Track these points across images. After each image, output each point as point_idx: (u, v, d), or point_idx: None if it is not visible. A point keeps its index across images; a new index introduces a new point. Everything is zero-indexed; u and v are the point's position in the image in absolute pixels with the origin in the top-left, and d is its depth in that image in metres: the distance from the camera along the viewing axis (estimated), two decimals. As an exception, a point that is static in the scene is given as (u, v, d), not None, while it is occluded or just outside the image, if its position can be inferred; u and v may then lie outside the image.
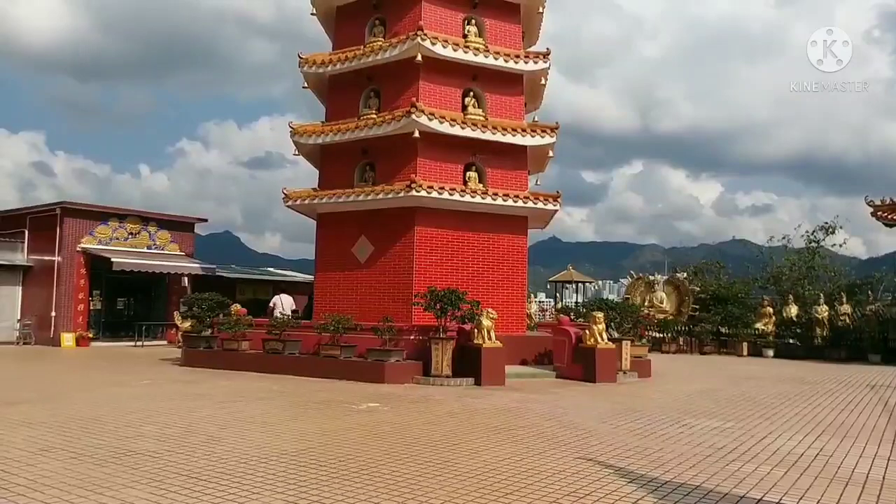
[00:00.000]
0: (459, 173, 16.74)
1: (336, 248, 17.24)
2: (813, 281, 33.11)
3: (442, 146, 16.43)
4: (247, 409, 9.78)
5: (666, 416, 9.73)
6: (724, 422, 9.37)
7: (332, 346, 14.01)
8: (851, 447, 7.78)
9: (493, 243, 16.99)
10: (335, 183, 17.30)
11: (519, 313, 17.27)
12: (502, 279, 17.04)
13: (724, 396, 12.32)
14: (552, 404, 10.82)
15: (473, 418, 9.26)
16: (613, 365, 14.50)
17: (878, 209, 25.32)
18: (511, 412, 9.93)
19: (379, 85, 17.25)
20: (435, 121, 15.79)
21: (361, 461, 6.52)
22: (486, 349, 13.13)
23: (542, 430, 8.44)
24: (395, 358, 13.36)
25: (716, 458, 7.04)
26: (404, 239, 16.23)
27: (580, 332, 14.88)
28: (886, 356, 23.70)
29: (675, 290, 31.46)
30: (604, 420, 9.34)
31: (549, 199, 17.03)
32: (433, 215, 16.26)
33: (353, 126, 16.78)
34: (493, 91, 17.27)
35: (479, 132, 16.34)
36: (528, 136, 16.90)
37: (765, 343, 26.28)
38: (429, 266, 16.14)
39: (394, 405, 10.38)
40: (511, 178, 17.27)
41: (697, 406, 10.97)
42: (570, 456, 6.96)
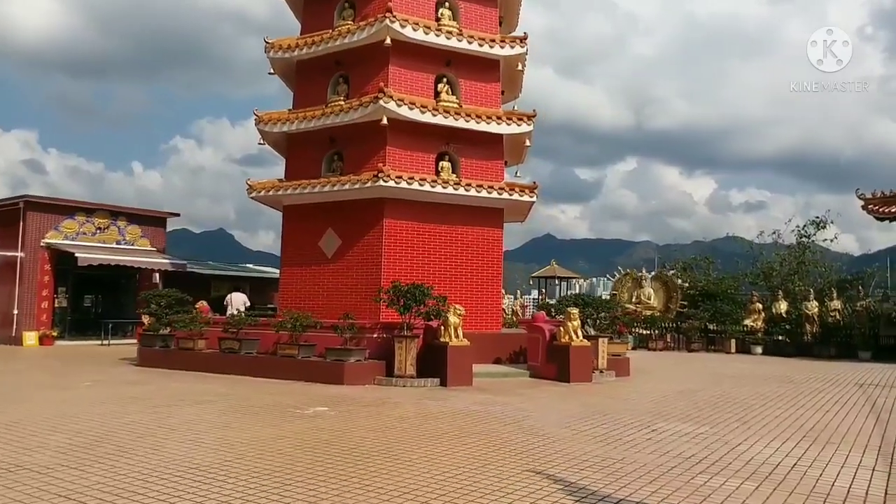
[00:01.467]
0: (432, 163, 15.98)
1: (302, 242, 16.46)
2: (803, 277, 32.46)
3: (413, 134, 15.66)
4: (180, 414, 9.01)
5: (636, 420, 9.01)
6: (698, 426, 8.64)
7: (289, 346, 13.24)
8: (833, 455, 7.07)
9: (467, 236, 16.26)
10: (302, 173, 16.51)
11: (494, 309, 16.54)
12: (476, 274, 16.30)
13: (703, 397, 11.61)
14: (517, 407, 10.08)
15: (425, 424, 8.51)
16: (589, 364, 13.78)
17: (868, 202, 24.69)
18: (469, 416, 9.18)
19: (348, 70, 16.46)
20: (405, 107, 15.01)
21: (280, 476, 5.77)
22: (452, 347, 12.38)
23: (497, 437, 7.70)
24: (355, 358, 12.59)
25: (681, 469, 6.31)
26: (373, 232, 15.46)
27: (555, 329, 14.15)
28: (877, 353, 23.09)
29: (663, 286, 30.82)
30: (568, 424, 8.61)
31: (526, 190, 16.28)
32: (403, 207, 15.50)
33: (319, 113, 15.99)
34: (467, 77, 16.50)
35: (453, 120, 15.57)
36: (504, 125, 16.15)
37: (753, 340, 25.64)
38: (398, 260, 15.38)
39: (344, 409, 9.62)
40: (486, 169, 16.51)
41: (672, 408, 10.25)
42: (518, 468, 6.22)
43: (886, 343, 23.81)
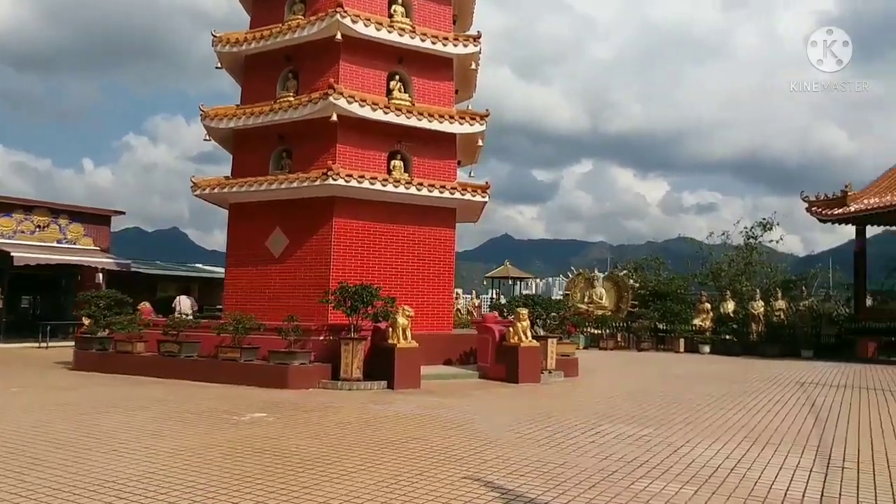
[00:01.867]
0: (383, 161, 15.72)
1: (248, 241, 16.01)
2: (750, 277, 33.23)
3: (364, 132, 15.37)
4: (108, 421, 8.58)
5: (581, 422, 8.94)
6: (642, 428, 8.61)
7: (231, 349, 12.83)
8: (773, 456, 7.09)
9: (419, 236, 16.05)
10: (249, 171, 16.05)
11: (445, 310, 16.37)
12: (428, 274, 16.11)
13: (650, 398, 11.64)
14: (463, 409, 9.93)
15: (366, 430, 8.28)
16: (537, 364, 13.72)
17: (813, 204, 25.37)
18: (413, 421, 8.98)
19: (297, 66, 16.08)
20: (355, 104, 14.72)
21: (203, 489, 5.48)
22: (400, 349, 12.17)
23: (438, 443, 7.52)
24: (299, 361, 12.26)
25: (622, 473, 6.22)
26: (322, 231, 15.12)
27: (504, 329, 14.06)
28: (818, 351, 23.71)
29: (615, 286, 31.15)
30: (512, 427, 8.49)
31: (478, 190, 16.15)
32: (353, 206, 15.20)
33: (267, 109, 15.57)
34: (420, 75, 16.28)
35: (405, 118, 15.33)
36: (457, 124, 15.98)
37: (701, 339, 26.06)
38: (348, 260, 15.08)
39: (283, 415, 9.32)
40: (439, 168, 16.32)
41: (618, 409, 10.23)
42: (456, 475, 6.05)
43: (827, 342, 24.49)
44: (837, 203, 24.64)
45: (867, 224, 25.15)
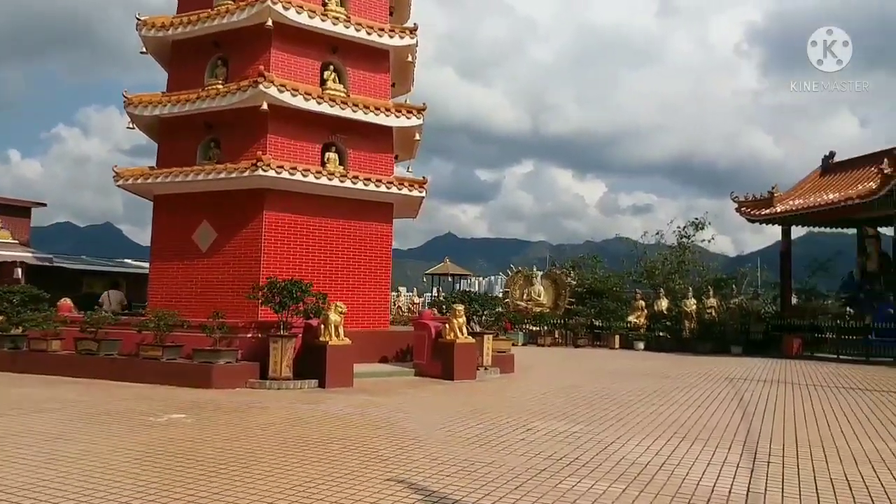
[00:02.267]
0: (317, 154, 15.26)
1: (175, 235, 15.31)
2: (683, 275, 34.06)
3: (297, 123, 14.89)
4: (9, 425, 7.93)
5: (512, 419, 8.79)
6: (573, 424, 8.53)
7: (153, 347, 12.18)
8: (701, 452, 7.08)
9: (355, 231, 15.67)
10: (175, 161, 15.31)
11: (381, 307, 16.05)
12: (364, 270, 15.75)
13: (583, 394, 11.63)
14: (394, 408, 9.65)
15: (291, 430, 7.91)
16: (473, 361, 13.57)
17: (742, 205, 26.18)
18: (341, 420, 8.65)
19: (227, 53, 15.45)
20: (287, 93, 14.22)
21: (103, 497, 5.03)
22: (332, 347, 11.78)
23: (365, 443, 7.22)
24: (225, 359, 11.73)
25: (550, 472, 6.07)
26: (251, 225, 14.57)
27: (440, 326, 13.85)
28: (747, 348, 24.44)
29: (553, 283, 31.40)
30: (443, 426, 8.26)
31: (415, 185, 15.89)
32: (285, 199, 14.71)
33: (194, 97, 14.89)
34: (355, 66, 15.89)
35: (339, 109, 14.92)
36: (393, 117, 15.66)
37: (636, 336, 26.54)
38: (279, 255, 14.59)
39: (204, 416, 8.84)
40: (375, 162, 15.98)
41: (550, 406, 10.14)
42: (380, 477, 5.77)
43: (755, 338, 25.28)
44: (765, 204, 25.50)
45: (792, 224, 26.08)
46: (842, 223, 26.48)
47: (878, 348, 20.96)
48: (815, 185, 25.66)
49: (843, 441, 7.86)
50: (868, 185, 22.37)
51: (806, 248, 40.59)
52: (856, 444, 7.68)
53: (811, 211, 23.75)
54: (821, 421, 9.25)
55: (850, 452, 7.25)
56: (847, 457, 7.02)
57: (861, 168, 24.54)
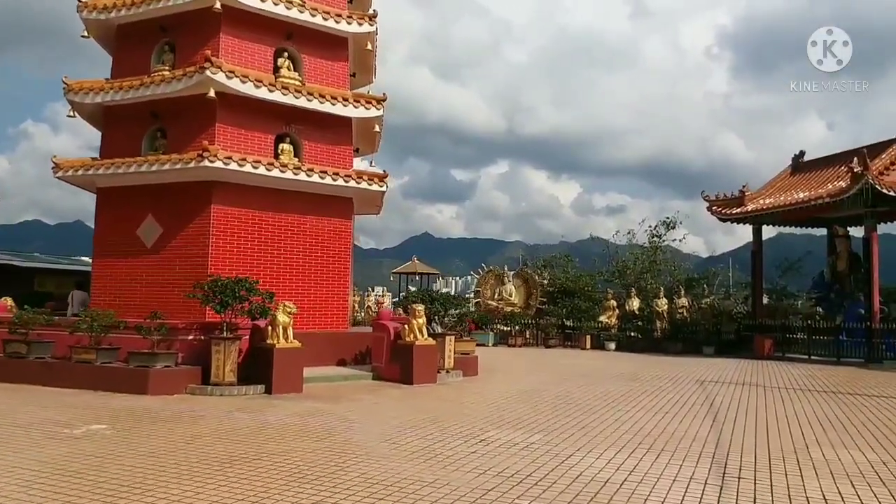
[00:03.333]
0: (270, 145, 14.46)
1: (118, 231, 14.39)
2: (655, 275, 33.73)
3: (248, 112, 14.07)
4: None
5: (467, 428, 8.11)
6: (532, 434, 7.88)
7: (86, 349, 11.29)
8: (667, 466, 6.47)
9: (312, 227, 14.89)
10: (120, 151, 14.39)
11: (340, 307, 15.26)
12: (322, 268, 14.97)
13: (546, 398, 10.99)
14: (342, 417, 8.92)
15: (218, 444, 7.14)
16: (434, 364, 12.89)
17: (713, 204, 25.80)
18: (279, 431, 7.90)
19: (174, 37, 14.57)
20: (236, 80, 13.40)
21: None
22: (279, 350, 11.01)
23: (299, 458, 6.49)
24: (163, 363, 10.88)
25: (498, 492, 5.40)
26: (198, 220, 13.72)
27: (400, 327, 13.14)
28: (719, 348, 24.09)
29: (524, 283, 30.87)
30: (390, 437, 7.55)
31: (375, 178, 15.14)
32: (235, 192, 13.88)
33: (138, 83, 14.01)
34: (311, 53, 15.10)
35: (293, 97, 14.12)
36: (351, 107, 14.90)
37: (607, 336, 26.07)
38: (228, 252, 13.75)
39: (127, 427, 8.03)
40: (333, 154, 15.22)
41: (511, 412, 9.48)
42: (306, 499, 5.05)
43: (727, 338, 24.95)
44: (736, 203, 25.15)
45: (763, 224, 25.79)
46: (812, 223, 26.26)
47: (849, 348, 20.69)
48: (786, 185, 25.38)
49: (817, 451, 7.31)
50: (838, 185, 22.10)
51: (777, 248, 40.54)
52: (831, 454, 7.13)
53: (781, 210, 23.42)
54: (794, 428, 8.72)
55: (826, 464, 6.69)
56: (823, 470, 6.46)
57: (831, 167, 24.30)
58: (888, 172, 21.37)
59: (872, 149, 22.24)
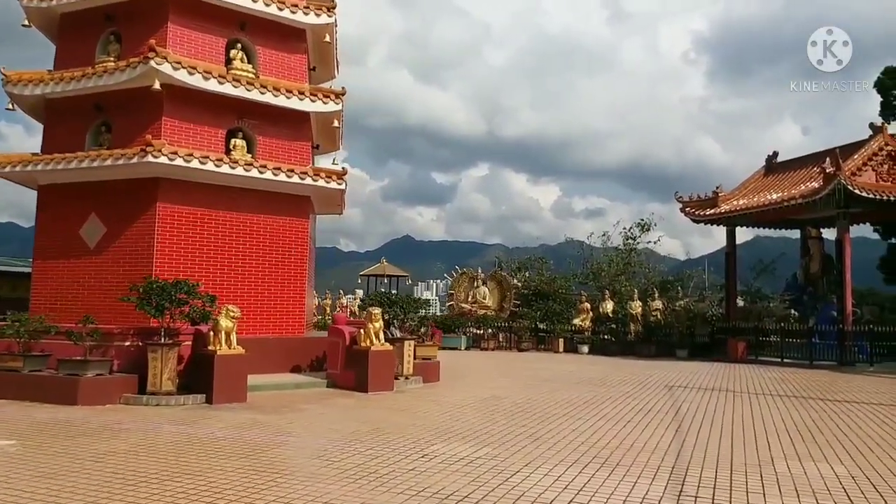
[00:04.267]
0: (222, 140, 13.77)
1: (60, 230, 13.60)
2: (630, 277, 33.40)
3: (198, 105, 13.38)
4: None
5: (413, 441, 7.52)
6: (480, 447, 7.30)
7: (12, 357, 10.52)
8: (620, 484, 5.93)
9: (267, 227, 14.21)
10: (62, 146, 13.59)
11: (296, 310, 14.57)
12: (277, 270, 14.29)
13: (505, 406, 10.44)
14: (279, 430, 8.29)
15: (131, 462, 6.47)
16: (390, 370, 12.27)
17: (686, 205, 25.51)
18: (206, 447, 7.25)
19: (120, 27, 13.83)
20: (183, 71, 12.69)
21: None
22: (221, 357, 10.32)
23: (214, 479, 5.85)
24: (95, 371, 10.14)
25: (426, 520, 4.82)
26: (143, 218, 13.00)
27: (356, 332, 12.52)
28: (693, 351, 23.77)
29: (498, 285, 30.39)
30: (326, 452, 6.94)
31: (333, 176, 14.49)
32: (183, 190, 13.18)
33: (80, 74, 13.24)
34: (267, 45, 14.45)
35: (244, 90, 13.44)
36: (308, 100, 14.24)
37: (580, 339, 25.66)
38: (175, 253, 13.04)
39: (38, 443, 7.33)
40: (290, 150, 14.57)
41: (463, 422, 8.90)
42: (200, 533, 4.43)
43: (701, 341, 24.64)
44: (709, 204, 24.87)
45: (736, 225, 25.54)
46: (785, 224, 26.05)
47: (822, 351, 20.43)
48: (759, 185, 25.14)
49: (783, 464, 6.82)
50: (811, 185, 21.89)
51: (752, 251, 40.49)
52: (797, 468, 6.65)
53: (754, 211, 23.16)
54: (760, 438, 8.24)
55: (791, 479, 6.20)
56: (787, 486, 5.96)
57: (804, 168, 24.10)
58: (860, 173, 21.21)
59: (845, 149, 22.07)
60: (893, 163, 21.69)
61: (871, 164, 21.60)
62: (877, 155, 21.71)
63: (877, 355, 19.71)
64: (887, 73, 30.42)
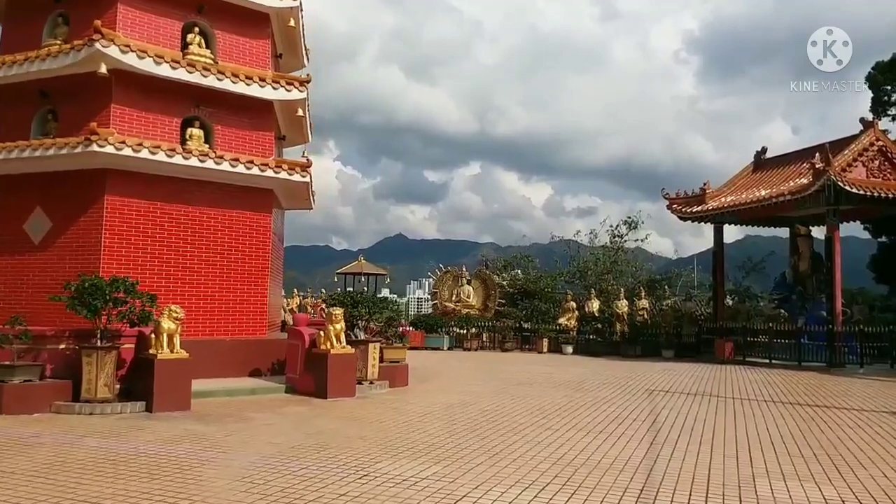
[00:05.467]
0: (176, 129, 12.96)
1: (2, 225, 12.77)
2: (618, 276, 32.75)
3: (151, 92, 12.57)
4: None
5: (356, 459, 6.76)
6: (431, 465, 6.55)
7: (-67, 362, 9.68)
8: (578, 510, 5.20)
9: (225, 221, 13.41)
10: (7, 136, 12.77)
11: (257, 310, 13.77)
12: (236, 267, 13.49)
13: (470, 414, 9.69)
14: (213, 444, 7.51)
15: (23, 487, 5.69)
16: (351, 375, 11.50)
17: (673, 202, 24.84)
18: (118, 465, 6.46)
19: (68, 8, 13.01)
20: (131, 54, 11.86)
21: None
22: (161, 362, 9.54)
23: (111, 507, 5.08)
24: (22, 377, 9.32)
25: (339, 563, 4.06)
26: (91, 213, 12.18)
27: (316, 333, 11.75)
28: (679, 351, 23.13)
29: (483, 284, 29.65)
30: (252, 473, 6.16)
31: (297, 168, 13.70)
32: (134, 182, 12.36)
33: (22, 58, 12.39)
34: (226, 29, 13.65)
35: (200, 76, 12.62)
36: (270, 88, 13.44)
37: (565, 339, 24.97)
38: (125, 249, 12.23)
39: (-71, 460, 6.54)
40: (251, 141, 13.79)
41: (420, 434, 8.14)
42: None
43: (688, 341, 23.99)
44: (696, 201, 24.21)
45: (724, 223, 24.90)
46: (774, 222, 25.43)
47: (811, 352, 19.79)
48: (748, 182, 24.49)
49: (765, 485, 6.11)
50: (800, 181, 21.24)
51: (742, 250, 39.95)
52: (781, 489, 5.94)
53: (742, 208, 22.50)
54: (742, 452, 7.53)
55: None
56: (769, 513, 5.25)
57: (793, 164, 23.46)
58: (851, 169, 20.57)
59: (835, 145, 21.42)
60: (884, 159, 21.09)
61: (862, 159, 20.97)
62: (867, 150, 21.08)
63: (867, 356, 19.10)
64: (878, 69, 29.88)
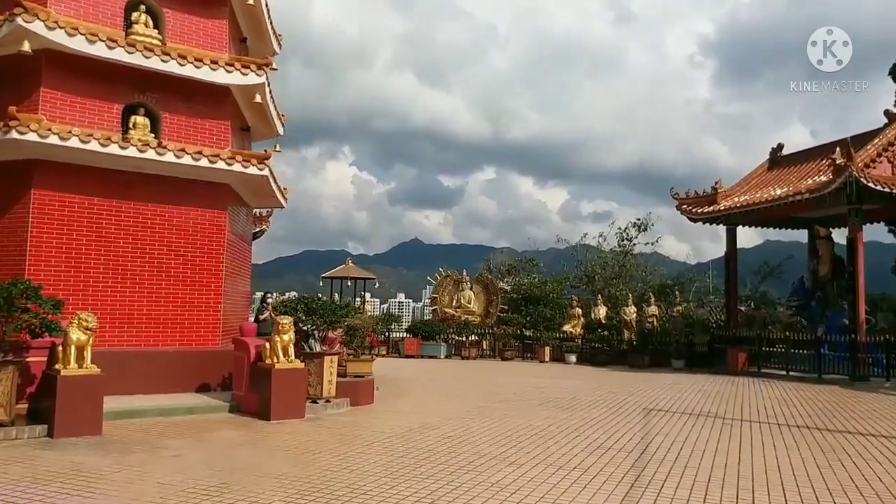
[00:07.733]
0: (117, 116, 11.68)
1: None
2: (627, 281, 31.16)
3: (87, 76, 11.29)
4: None
5: (247, 511, 5.36)
6: (338, 522, 5.13)
7: None
8: None
9: (174, 218, 12.10)
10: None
11: (209, 318, 12.42)
12: (186, 270, 12.17)
13: (429, 442, 8.24)
14: (91, 483, 6.14)
15: None
16: (300, 393, 10.10)
17: (682, 202, 23.29)
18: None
19: (0, -15, 11.79)
20: (60, 32, 10.58)
21: None
22: (65, 379, 8.21)
23: None
24: None
25: None
26: (16, 209, 10.93)
27: (262, 345, 10.38)
28: (690, 361, 21.48)
29: (484, 289, 28.18)
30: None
31: (253, 160, 12.35)
32: (66, 174, 11.08)
33: (-58, 38, 11.19)
34: (177, 8, 12.38)
35: (142, 57, 11.30)
36: (223, 71, 12.09)
37: (568, 348, 23.46)
38: (56, 249, 10.96)
39: None
40: (204, 131, 12.49)
41: (349, 473, 6.70)
42: None
43: (700, 350, 22.34)
44: (707, 201, 22.62)
45: (737, 224, 23.26)
46: (792, 223, 23.75)
47: (831, 363, 18.12)
48: (762, 180, 22.84)
49: (770, 554, 4.62)
50: (819, 179, 19.58)
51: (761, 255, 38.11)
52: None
53: (757, 208, 20.86)
54: (744, 497, 6.03)
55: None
56: None
57: (812, 161, 21.79)
58: (875, 165, 18.85)
59: (858, 139, 19.74)
60: (912, 154, 19.35)
61: (887, 154, 19.23)
62: (893, 145, 19.36)
63: (893, 368, 17.39)
64: (903, 60, 28.01)
